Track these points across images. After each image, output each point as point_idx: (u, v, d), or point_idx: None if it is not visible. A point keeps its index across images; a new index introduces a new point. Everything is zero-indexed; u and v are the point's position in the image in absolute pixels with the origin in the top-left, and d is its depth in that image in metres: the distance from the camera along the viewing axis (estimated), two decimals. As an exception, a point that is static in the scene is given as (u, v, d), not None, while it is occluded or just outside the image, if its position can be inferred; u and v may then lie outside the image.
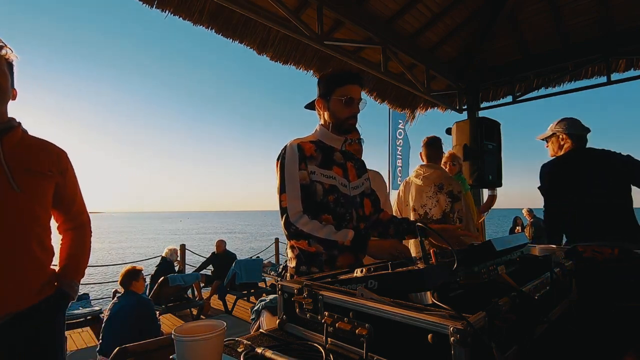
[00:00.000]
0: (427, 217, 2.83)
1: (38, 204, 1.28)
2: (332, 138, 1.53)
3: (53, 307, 1.33)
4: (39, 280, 1.29)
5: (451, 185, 2.84)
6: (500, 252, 0.95)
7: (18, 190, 1.20)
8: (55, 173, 1.34)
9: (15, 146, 1.25)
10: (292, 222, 1.36)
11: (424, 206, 2.85)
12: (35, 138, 1.35)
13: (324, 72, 1.58)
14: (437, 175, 2.88)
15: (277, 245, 10.08)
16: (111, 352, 0.83)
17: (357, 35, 4.15)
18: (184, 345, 0.67)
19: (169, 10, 3.19)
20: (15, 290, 1.21)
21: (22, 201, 1.23)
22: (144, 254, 20.06)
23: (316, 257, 1.43)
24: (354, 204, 1.52)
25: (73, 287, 1.40)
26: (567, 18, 4.50)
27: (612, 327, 0.97)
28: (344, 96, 1.46)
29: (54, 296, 1.33)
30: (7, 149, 1.22)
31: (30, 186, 1.24)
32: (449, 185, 2.84)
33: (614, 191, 2.14)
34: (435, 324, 0.62)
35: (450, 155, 3.54)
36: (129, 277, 3.19)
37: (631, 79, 4.72)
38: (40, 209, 1.29)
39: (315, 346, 0.82)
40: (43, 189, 1.30)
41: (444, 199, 2.80)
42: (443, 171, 2.96)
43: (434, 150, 3.02)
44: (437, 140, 3.06)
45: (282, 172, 1.42)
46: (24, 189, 1.22)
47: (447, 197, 2.80)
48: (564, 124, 2.36)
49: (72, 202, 1.44)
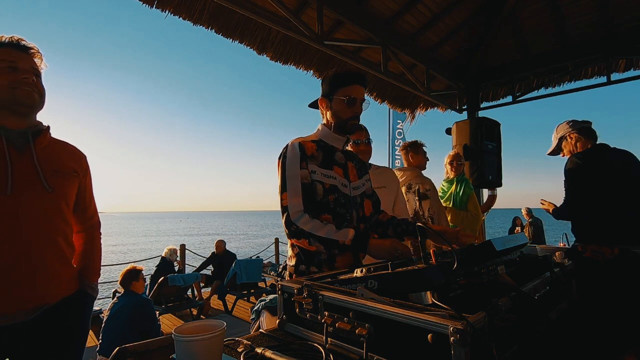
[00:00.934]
0: None
1: (65, 203, 1.34)
2: (333, 138, 1.53)
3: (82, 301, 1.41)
4: (67, 274, 1.36)
5: (417, 184, 2.90)
6: (500, 252, 0.95)
7: (50, 190, 1.27)
8: (79, 174, 1.41)
9: (45, 148, 1.32)
10: (292, 220, 1.36)
11: None
12: (58, 140, 1.41)
13: (327, 72, 1.57)
14: (407, 175, 2.96)
15: (277, 245, 10.08)
16: (111, 352, 0.83)
17: (357, 35, 4.15)
18: (184, 345, 0.67)
19: (169, 10, 3.19)
20: (48, 284, 1.27)
21: (53, 200, 1.29)
22: (143, 254, 20.05)
23: (315, 257, 1.43)
24: (355, 204, 1.52)
25: (93, 288, 1.47)
26: (567, 18, 4.50)
27: (612, 327, 0.97)
28: (346, 96, 1.45)
29: (79, 292, 1.40)
30: (39, 151, 1.28)
31: (58, 186, 1.31)
32: (415, 184, 2.91)
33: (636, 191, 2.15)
34: (435, 324, 0.62)
35: (454, 155, 3.52)
36: (129, 277, 3.19)
37: (631, 79, 4.72)
38: (66, 207, 1.36)
39: (315, 346, 0.82)
40: (69, 189, 1.36)
41: (412, 199, 2.88)
42: (414, 171, 2.99)
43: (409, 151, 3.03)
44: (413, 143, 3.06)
45: (284, 171, 1.42)
46: (54, 189, 1.28)
47: (415, 195, 2.88)
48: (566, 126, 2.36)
49: (89, 203, 1.50)
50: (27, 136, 1.27)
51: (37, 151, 1.27)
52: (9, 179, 1.18)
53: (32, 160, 1.25)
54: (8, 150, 1.21)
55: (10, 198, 1.18)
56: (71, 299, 1.35)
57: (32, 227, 1.23)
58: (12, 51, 1.27)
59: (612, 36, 4.39)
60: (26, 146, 1.26)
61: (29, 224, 1.22)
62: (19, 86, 1.24)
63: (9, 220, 1.18)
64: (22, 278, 1.20)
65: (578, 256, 1.26)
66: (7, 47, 1.27)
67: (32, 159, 1.25)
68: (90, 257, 1.49)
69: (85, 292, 1.42)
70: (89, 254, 1.49)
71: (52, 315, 1.27)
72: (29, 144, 1.27)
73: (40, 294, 1.25)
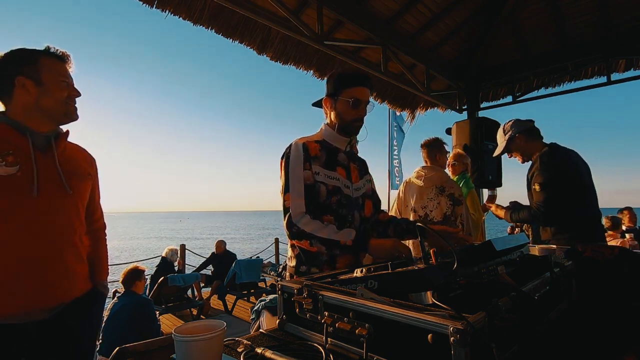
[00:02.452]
0: (427, 218, 2.81)
1: (81, 204, 1.40)
2: (336, 138, 1.52)
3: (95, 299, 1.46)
4: (84, 272, 1.41)
5: (453, 188, 2.81)
6: (500, 252, 0.95)
7: (70, 191, 1.32)
8: (93, 176, 1.48)
9: (63, 151, 1.37)
10: (294, 222, 1.36)
11: (425, 207, 2.83)
12: (72, 143, 1.46)
13: (333, 71, 1.56)
14: (439, 177, 2.85)
15: (277, 245, 10.08)
16: (111, 352, 0.83)
17: (357, 35, 4.15)
18: (184, 345, 0.67)
19: (169, 10, 3.19)
20: (68, 283, 1.32)
21: (72, 202, 1.34)
22: (143, 254, 20.05)
23: (316, 257, 1.43)
24: (356, 205, 1.52)
25: (105, 286, 1.53)
26: (567, 18, 4.50)
27: (612, 327, 0.97)
28: (351, 98, 1.44)
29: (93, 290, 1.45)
30: (58, 153, 1.33)
31: (76, 188, 1.36)
32: (450, 188, 2.81)
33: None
34: (435, 324, 0.62)
35: (456, 154, 3.51)
36: (132, 276, 3.19)
37: (631, 79, 4.72)
38: (82, 208, 1.41)
39: (315, 346, 0.82)
40: (85, 191, 1.42)
41: (445, 202, 2.77)
42: (445, 173, 2.93)
43: (435, 151, 3.00)
44: (437, 141, 3.04)
45: (287, 172, 1.41)
46: (73, 191, 1.33)
47: (449, 200, 2.77)
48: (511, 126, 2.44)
49: (98, 205, 1.56)
50: (50, 139, 1.32)
51: (57, 154, 1.32)
52: (35, 182, 1.22)
53: (54, 163, 1.30)
54: (34, 153, 1.25)
55: (37, 200, 1.23)
56: (85, 296, 1.39)
57: (55, 229, 1.28)
58: (63, 66, 1.35)
59: (612, 36, 4.39)
60: (48, 148, 1.30)
61: (53, 225, 1.27)
62: (71, 102, 1.35)
63: (36, 222, 1.23)
64: (47, 278, 1.24)
65: (578, 256, 1.26)
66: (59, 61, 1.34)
67: (54, 162, 1.30)
68: (100, 256, 1.53)
69: (98, 290, 1.47)
70: (99, 253, 1.53)
71: (68, 313, 1.31)
72: (51, 146, 1.31)
73: (60, 293, 1.29)
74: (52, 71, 1.30)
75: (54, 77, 1.30)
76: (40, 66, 1.28)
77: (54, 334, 1.28)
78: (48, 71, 1.29)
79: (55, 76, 1.30)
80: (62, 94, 1.31)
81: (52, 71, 1.30)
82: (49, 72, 1.29)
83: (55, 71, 1.31)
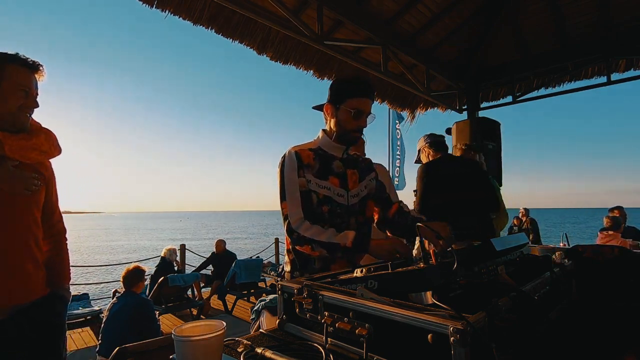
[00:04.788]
0: None
1: (35, 207, 1.38)
2: (333, 146, 1.51)
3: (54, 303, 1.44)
4: (39, 276, 1.38)
5: None
6: (500, 252, 0.95)
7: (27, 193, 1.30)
8: (46, 177, 1.43)
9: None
10: (294, 228, 1.38)
11: None
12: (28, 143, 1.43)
13: (338, 77, 1.55)
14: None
15: (277, 245, 10.08)
16: (111, 352, 0.83)
17: (357, 35, 4.15)
18: (184, 345, 0.67)
19: (169, 10, 3.19)
20: (21, 284, 1.31)
21: (25, 203, 1.33)
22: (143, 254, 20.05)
23: (310, 264, 1.46)
24: (353, 212, 1.51)
25: (67, 290, 1.52)
26: (567, 18, 4.50)
27: (612, 327, 0.97)
28: (354, 108, 1.42)
29: (52, 294, 1.43)
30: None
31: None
32: None
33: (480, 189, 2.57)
34: (435, 324, 0.62)
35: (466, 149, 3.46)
36: (133, 276, 3.18)
37: (631, 79, 4.72)
38: (37, 211, 1.39)
39: (315, 346, 0.82)
40: (39, 193, 1.38)
41: None
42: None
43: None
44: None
45: (282, 180, 1.43)
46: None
47: None
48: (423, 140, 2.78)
49: (55, 208, 1.51)
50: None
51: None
52: None
53: None
54: None
55: None
56: (43, 300, 1.38)
57: (8, 231, 1.27)
58: (29, 74, 1.32)
59: (612, 36, 4.39)
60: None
61: (6, 228, 1.27)
62: (23, 112, 1.31)
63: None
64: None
65: (578, 256, 1.26)
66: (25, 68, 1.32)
67: None
68: (61, 261, 1.51)
69: (58, 294, 1.46)
70: (59, 258, 1.51)
71: (24, 315, 1.31)
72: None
73: (14, 295, 1.29)
74: (13, 78, 1.28)
75: (13, 84, 1.28)
76: (4, 72, 1.26)
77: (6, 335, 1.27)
78: (9, 77, 1.27)
79: (14, 84, 1.28)
80: (15, 102, 1.28)
81: (14, 78, 1.28)
82: (9, 78, 1.27)
83: (17, 78, 1.29)
